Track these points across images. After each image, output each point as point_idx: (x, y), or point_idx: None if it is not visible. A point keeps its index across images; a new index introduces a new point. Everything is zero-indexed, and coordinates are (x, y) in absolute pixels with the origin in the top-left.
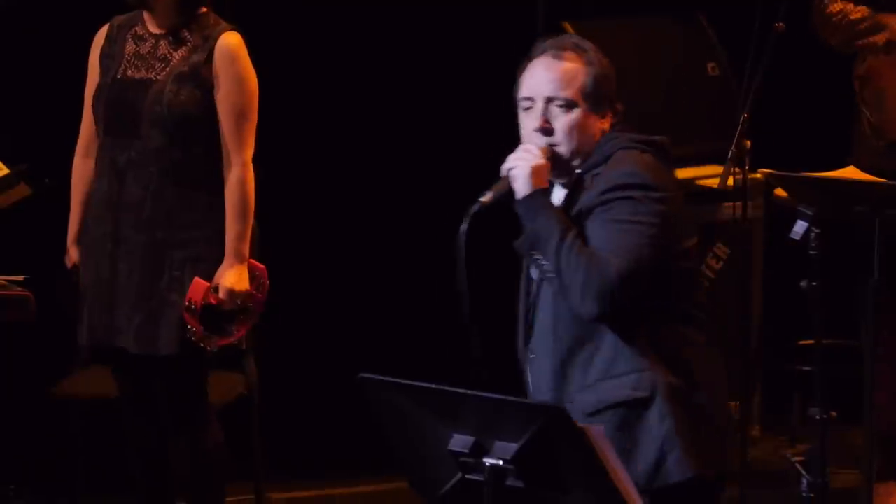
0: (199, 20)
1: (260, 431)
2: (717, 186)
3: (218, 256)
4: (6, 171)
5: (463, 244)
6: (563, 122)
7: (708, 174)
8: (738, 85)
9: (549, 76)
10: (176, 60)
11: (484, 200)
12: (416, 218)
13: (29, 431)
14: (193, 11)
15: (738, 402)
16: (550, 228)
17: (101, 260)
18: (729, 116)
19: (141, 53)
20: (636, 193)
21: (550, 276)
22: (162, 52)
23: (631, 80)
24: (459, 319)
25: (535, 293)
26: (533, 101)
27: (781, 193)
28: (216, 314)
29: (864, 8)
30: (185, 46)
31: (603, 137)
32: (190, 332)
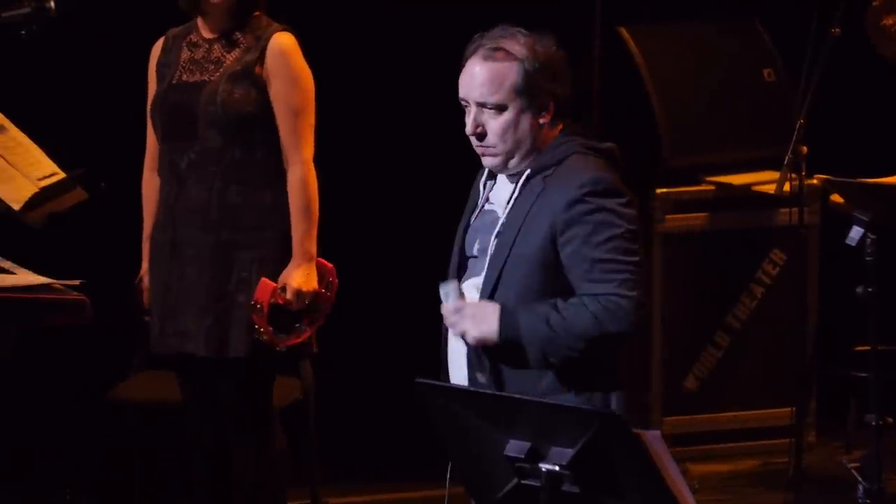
0: (251, 23)
1: (316, 436)
2: (773, 192)
3: (284, 256)
4: (63, 175)
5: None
6: (494, 126)
7: (764, 180)
8: (794, 90)
9: (477, 80)
10: (229, 61)
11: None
12: None
13: (85, 436)
14: (247, 15)
15: (793, 407)
16: (534, 334)
17: (165, 266)
18: (785, 122)
19: (195, 59)
20: (608, 203)
21: (575, 357)
22: (215, 55)
23: (687, 85)
24: None
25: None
26: (467, 103)
27: (837, 199)
28: (284, 314)
29: None
30: (238, 48)
31: (555, 139)
32: (258, 332)
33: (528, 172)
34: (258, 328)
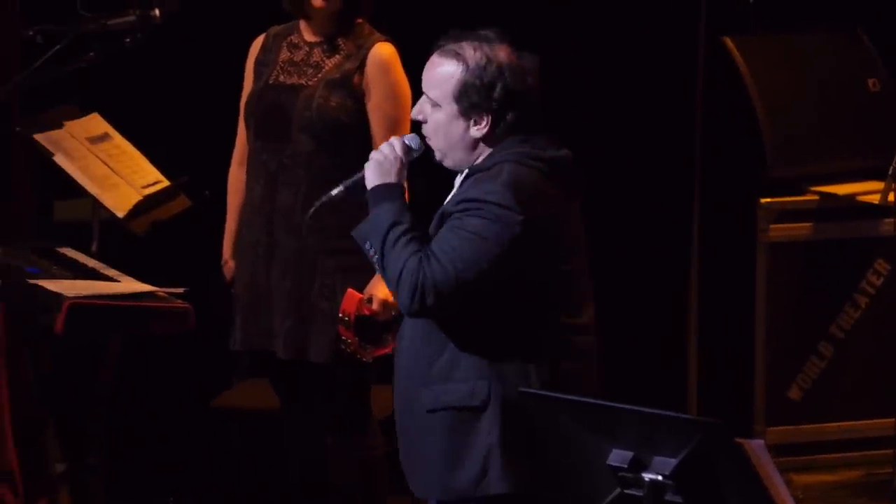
0: (354, 30)
1: None
2: (877, 202)
3: (369, 266)
4: (167, 183)
5: (305, 228)
6: (431, 119)
7: (869, 190)
8: None
9: (428, 74)
10: (328, 67)
11: (333, 194)
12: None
13: (189, 443)
14: (350, 22)
15: None
16: (382, 220)
17: (253, 265)
18: (890, 132)
19: (294, 60)
20: (493, 212)
21: (378, 268)
22: (315, 59)
23: (791, 95)
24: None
25: None
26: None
27: None
28: (371, 325)
29: None
30: (338, 54)
31: (498, 147)
32: (345, 343)
33: (466, 172)
34: (345, 339)
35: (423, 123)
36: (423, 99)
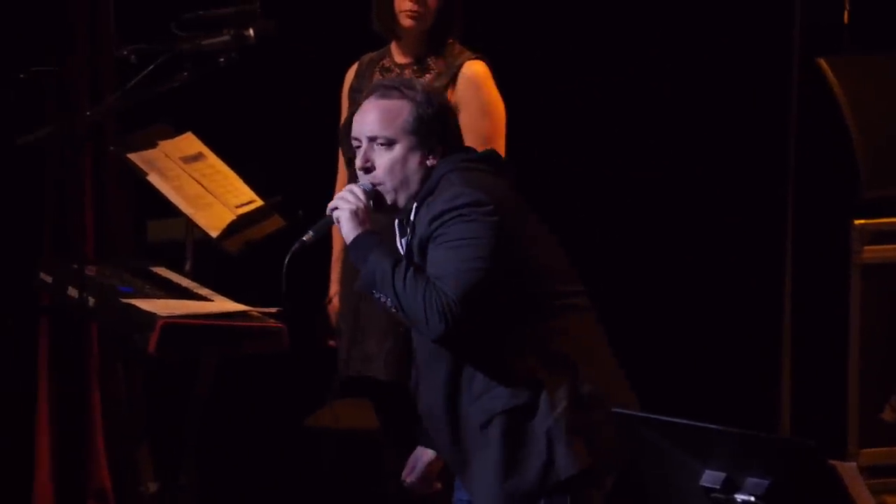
0: (445, 49)
1: None
2: None
3: None
4: (260, 202)
5: (285, 279)
6: (383, 159)
7: None
8: None
9: (371, 116)
10: None
11: (305, 240)
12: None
13: (283, 463)
14: (441, 41)
15: None
16: (381, 265)
17: (354, 290)
18: None
19: None
20: (465, 212)
21: (395, 310)
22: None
23: (885, 116)
24: None
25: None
26: (359, 141)
27: None
28: None
29: None
30: (429, 73)
31: (434, 169)
32: None
33: (415, 206)
34: None
35: (365, 170)
36: (364, 146)
